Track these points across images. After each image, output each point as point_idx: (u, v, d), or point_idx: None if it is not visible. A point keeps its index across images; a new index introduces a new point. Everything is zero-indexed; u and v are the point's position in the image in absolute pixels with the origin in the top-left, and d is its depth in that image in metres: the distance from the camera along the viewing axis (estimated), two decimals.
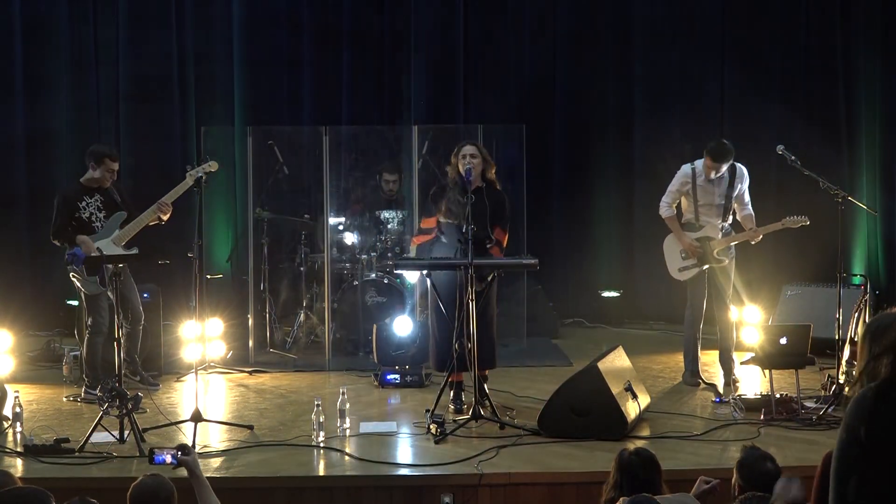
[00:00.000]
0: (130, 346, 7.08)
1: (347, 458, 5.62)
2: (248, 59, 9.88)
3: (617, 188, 10.17)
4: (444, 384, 6.45)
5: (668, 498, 3.82)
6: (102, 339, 6.88)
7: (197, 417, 5.97)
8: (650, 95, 10.05)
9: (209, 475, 4.76)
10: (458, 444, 5.82)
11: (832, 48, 9.70)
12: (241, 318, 8.69)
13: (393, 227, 8.57)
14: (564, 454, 5.64)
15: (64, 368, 7.59)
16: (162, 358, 7.68)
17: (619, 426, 5.87)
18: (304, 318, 8.68)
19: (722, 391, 6.95)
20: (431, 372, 7.34)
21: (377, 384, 7.35)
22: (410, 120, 9.38)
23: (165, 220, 6.93)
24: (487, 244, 6.43)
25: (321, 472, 5.52)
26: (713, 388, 7.08)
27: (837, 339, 6.72)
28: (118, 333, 6.06)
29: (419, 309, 7.99)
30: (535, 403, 6.51)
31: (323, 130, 8.00)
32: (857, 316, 7.03)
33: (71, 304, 8.77)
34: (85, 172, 6.96)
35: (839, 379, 6.53)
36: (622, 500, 3.65)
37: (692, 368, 7.30)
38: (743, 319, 8.02)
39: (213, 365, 7.84)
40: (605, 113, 10.14)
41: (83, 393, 6.96)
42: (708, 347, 7.49)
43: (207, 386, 7.37)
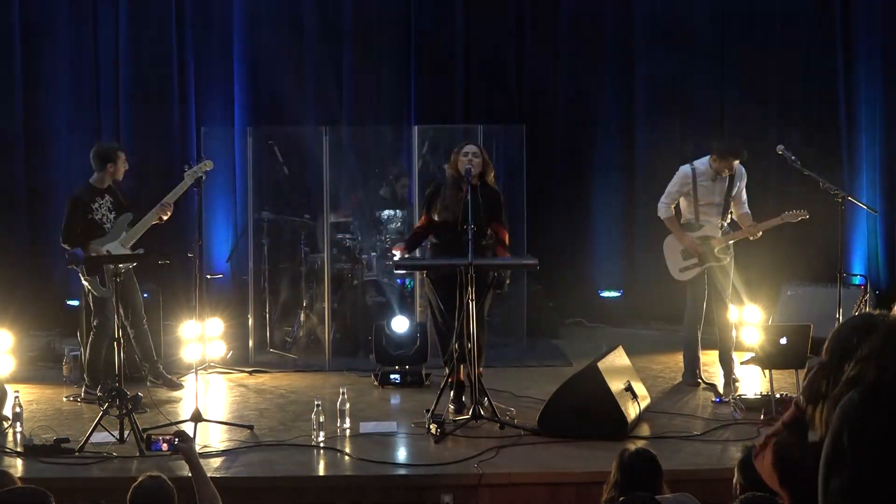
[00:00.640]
0: (144, 349, 7.09)
1: (347, 458, 5.62)
2: (248, 59, 9.88)
3: (617, 188, 10.17)
4: (444, 384, 6.44)
5: (668, 498, 3.82)
6: (108, 341, 6.86)
7: (197, 417, 5.97)
8: (651, 95, 10.05)
9: (209, 475, 4.75)
10: (458, 444, 5.81)
11: (832, 48, 9.70)
12: (241, 318, 8.68)
13: (393, 227, 8.57)
14: (564, 454, 5.64)
15: (64, 368, 7.59)
16: (162, 358, 7.67)
17: (619, 426, 5.87)
18: (304, 318, 8.68)
19: (722, 391, 6.95)
20: (431, 372, 7.35)
21: (377, 384, 7.35)
22: (410, 120, 9.38)
23: (166, 219, 6.94)
24: (483, 241, 6.38)
25: (321, 472, 5.52)
26: (713, 388, 7.08)
27: None
28: (118, 333, 6.07)
29: (419, 309, 7.99)
30: (535, 403, 6.51)
31: (323, 130, 8.00)
32: None
33: (71, 304, 8.77)
34: (91, 174, 6.96)
35: None
36: (621, 499, 3.65)
37: (692, 368, 7.30)
38: (743, 319, 8.01)
39: (213, 365, 7.83)
40: (605, 113, 10.14)
41: (83, 393, 6.96)
42: (708, 347, 7.49)
43: (207, 386, 7.37)
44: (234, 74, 9.86)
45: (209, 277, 8.44)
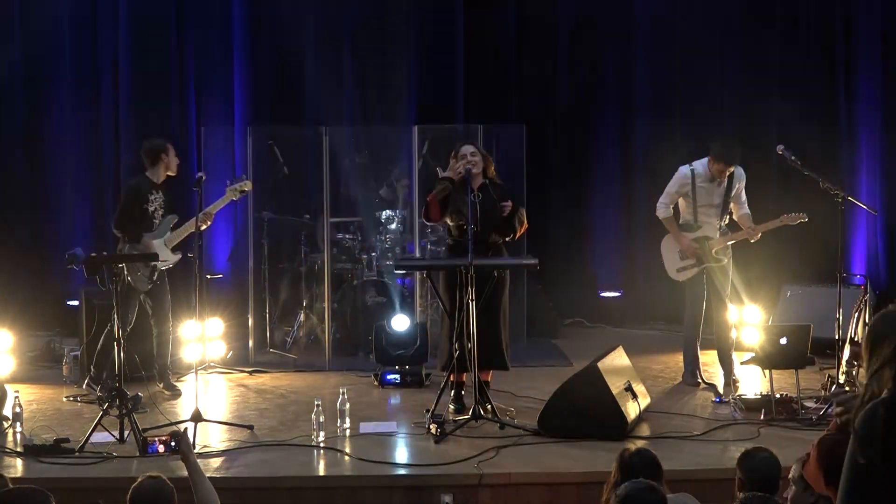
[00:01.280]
0: (161, 349, 7.09)
1: (347, 458, 5.62)
2: (248, 59, 9.87)
3: (617, 188, 10.16)
4: (444, 384, 6.44)
5: (668, 498, 3.81)
6: (126, 334, 6.83)
7: (197, 417, 5.97)
8: (651, 95, 10.04)
9: (209, 475, 4.75)
10: (458, 444, 5.82)
11: (833, 47, 9.70)
12: (241, 318, 8.68)
13: (393, 227, 8.57)
14: (564, 454, 5.64)
15: (64, 368, 7.59)
16: (171, 366, 7.66)
17: (619, 426, 5.87)
18: (304, 318, 8.68)
19: (722, 391, 6.95)
20: (431, 372, 7.34)
21: (377, 384, 7.35)
22: (410, 120, 9.38)
23: (204, 228, 6.85)
24: (509, 237, 6.51)
25: (321, 472, 5.52)
26: (713, 388, 7.08)
27: (837, 339, 6.71)
28: (118, 333, 6.06)
29: (419, 308, 7.99)
30: (535, 403, 6.51)
31: (323, 130, 7.99)
32: (857, 316, 7.03)
33: (71, 304, 8.76)
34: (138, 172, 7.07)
35: (839, 379, 6.53)
36: (623, 485, 3.63)
37: (692, 368, 7.30)
38: (743, 319, 8.01)
39: (213, 365, 7.84)
40: (605, 113, 10.14)
41: (84, 386, 6.96)
42: (708, 347, 7.49)
43: (207, 386, 7.37)
44: (234, 74, 9.85)
45: (209, 277, 8.45)
